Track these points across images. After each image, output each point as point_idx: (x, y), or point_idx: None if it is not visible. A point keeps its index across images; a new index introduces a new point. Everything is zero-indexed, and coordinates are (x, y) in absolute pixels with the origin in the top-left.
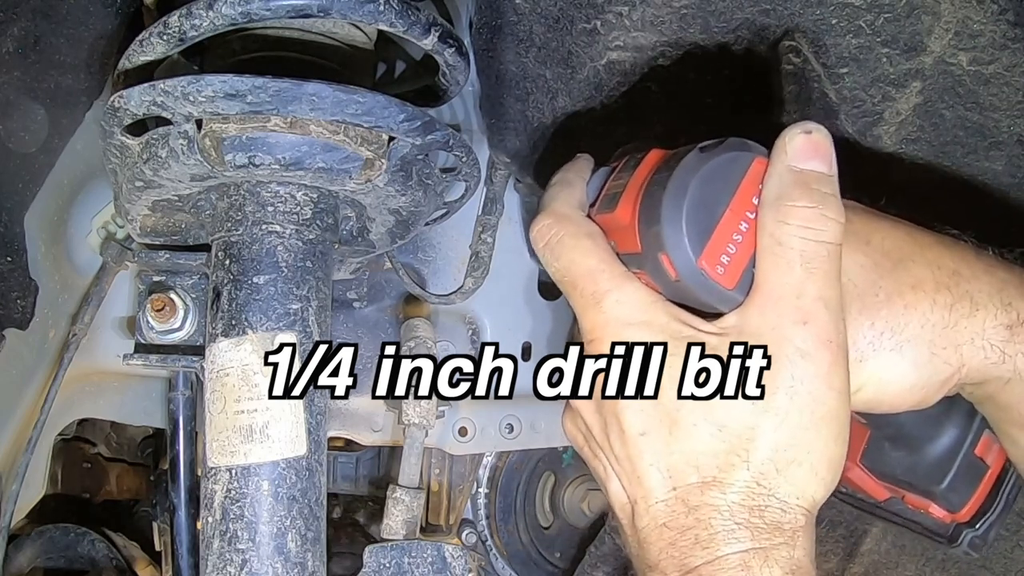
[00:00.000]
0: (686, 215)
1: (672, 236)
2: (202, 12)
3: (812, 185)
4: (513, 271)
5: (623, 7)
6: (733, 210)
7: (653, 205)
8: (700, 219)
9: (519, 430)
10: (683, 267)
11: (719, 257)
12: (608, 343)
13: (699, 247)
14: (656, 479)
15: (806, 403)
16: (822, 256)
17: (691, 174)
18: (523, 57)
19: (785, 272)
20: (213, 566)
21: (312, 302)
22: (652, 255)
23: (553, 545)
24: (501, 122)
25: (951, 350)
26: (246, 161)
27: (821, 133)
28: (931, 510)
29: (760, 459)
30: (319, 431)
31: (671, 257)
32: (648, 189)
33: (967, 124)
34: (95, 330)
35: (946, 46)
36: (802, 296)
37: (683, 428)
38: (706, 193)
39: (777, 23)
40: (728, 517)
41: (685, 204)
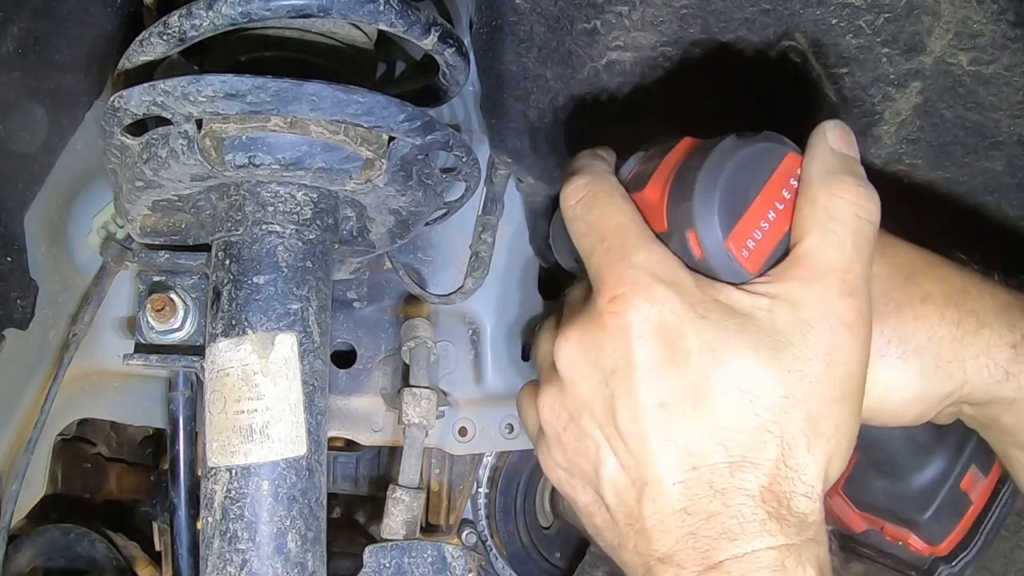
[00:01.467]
0: (719, 194)
1: (703, 213)
2: (202, 12)
3: (856, 168)
4: (513, 271)
5: (623, 7)
6: (764, 198)
7: (686, 183)
8: (732, 201)
9: (519, 430)
10: (710, 245)
11: (746, 241)
12: (634, 299)
13: (728, 228)
14: (674, 458)
15: (840, 375)
16: (869, 236)
17: (728, 156)
18: (523, 57)
19: (836, 246)
20: (213, 566)
21: (312, 302)
22: (679, 232)
23: (553, 545)
24: (502, 122)
25: (956, 364)
26: (246, 161)
27: (849, 130)
28: (911, 541)
29: (792, 433)
30: (319, 431)
31: (699, 234)
32: (681, 169)
33: (967, 124)
34: (95, 330)
35: (946, 46)
36: (849, 271)
37: (711, 399)
38: (740, 177)
39: (777, 23)
40: (760, 504)
41: (719, 184)
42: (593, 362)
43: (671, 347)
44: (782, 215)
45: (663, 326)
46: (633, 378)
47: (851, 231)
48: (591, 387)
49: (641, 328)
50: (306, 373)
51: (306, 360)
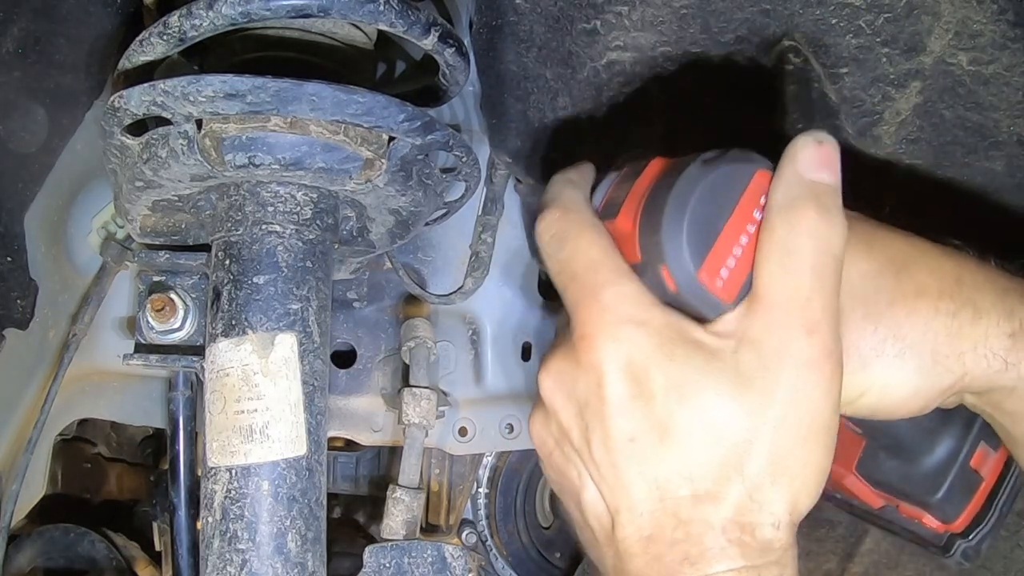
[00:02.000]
0: (687, 227)
1: (672, 248)
2: (202, 12)
3: (821, 197)
4: (513, 271)
5: (623, 7)
6: (734, 223)
7: (654, 216)
8: (701, 232)
9: (519, 430)
10: (682, 280)
11: (719, 271)
12: (601, 339)
13: (699, 260)
14: (643, 489)
15: (805, 414)
16: (830, 267)
17: (693, 186)
18: (524, 57)
19: (793, 280)
20: (213, 566)
21: (312, 302)
22: (652, 266)
23: (553, 545)
24: (502, 122)
25: (954, 358)
26: (246, 161)
27: (831, 144)
28: (925, 520)
29: (755, 471)
30: (319, 431)
31: (671, 269)
32: (649, 199)
33: (967, 124)
34: (95, 330)
35: (946, 46)
36: (809, 306)
37: (676, 436)
38: (707, 205)
39: (777, 23)
40: (720, 534)
41: (686, 216)
42: (568, 394)
43: (638, 384)
44: (754, 238)
45: (630, 365)
46: (604, 413)
47: (809, 266)
48: (568, 417)
49: (609, 366)
50: (306, 373)
51: (306, 360)
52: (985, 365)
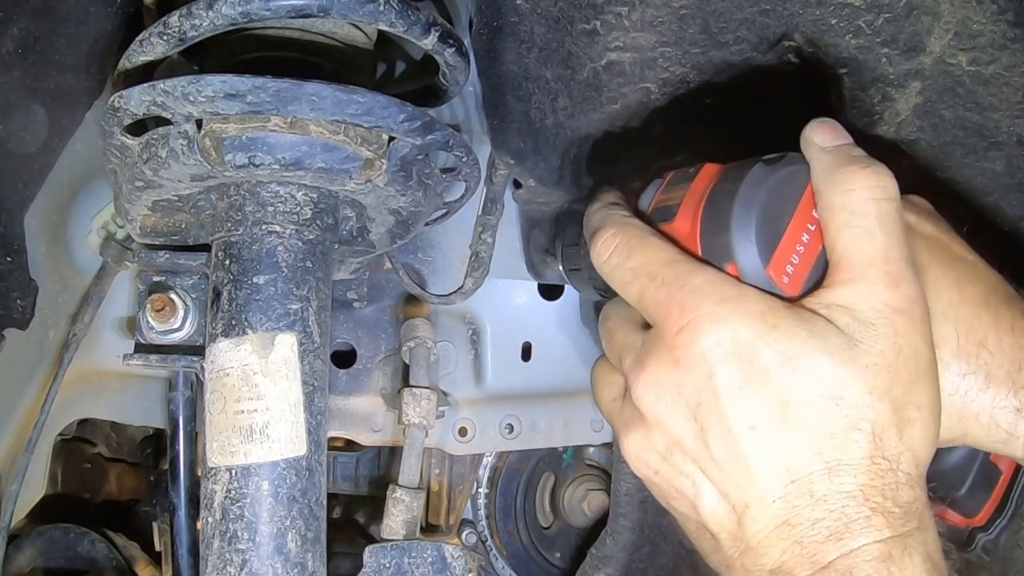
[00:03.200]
0: (755, 226)
1: (742, 245)
2: (202, 12)
3: (852, 153)
4: (513, 271)
5: (622, 8)
6: (796, 222)
7: (720, 215)
8: (768, 230)
9: (519, 430)
10: (752, 276)
11: (785, 267)
12: (703, 325)
13: (767, 257)
14: (772, 475)
15: (910, 359)
16: (893, 215)
17: (759, 186)
18: (524, 58)
19: (867, 240)
20: (213, 566)
21: (312, 302)
22: (717, 264)
23: (553, 545)
24: (504, 123)
25: (955, 418)
26: (246, 161)
27: (831, 120)
28: (947, 516)
29: (882, 425)
30: (319, 431)
31: (740, 266)
32: (712, 200)
33: (967, 124)
34: (95, 330)
35: (946, 46)
36: (888, 260)
37: (797, 410)
38: (773, 205)
39: (777, 23)
40: (863, 503)
41: (755, 214)
42: (676, 399)
43: (749, 365)
44: (815, 236)
45: (737, 344)
46: (720, 407)
47: (875, 218)
48: (679, 423)
49: (716, 353)
50: (306, 373)
51: (306, 360)
52: (986, 434)
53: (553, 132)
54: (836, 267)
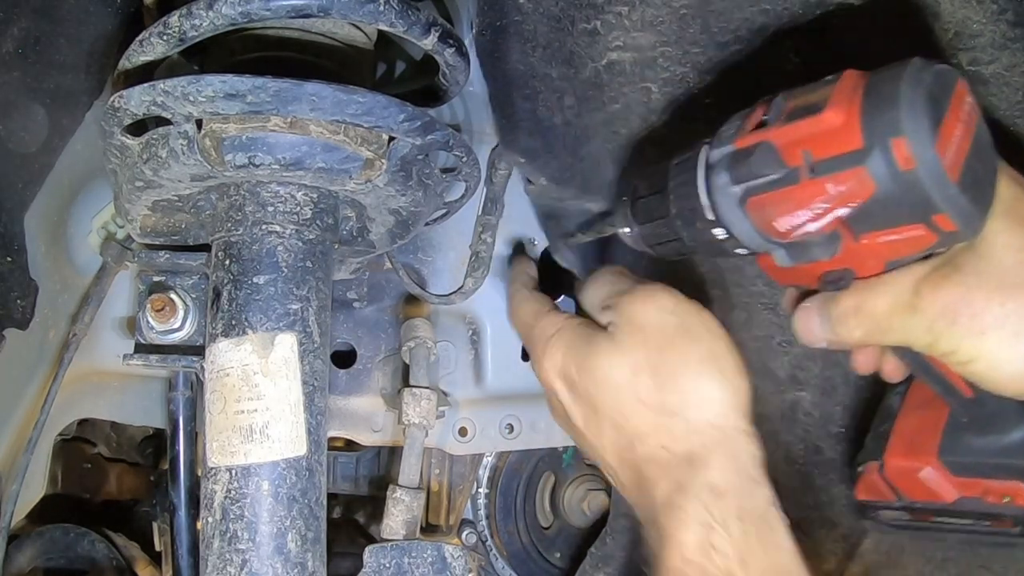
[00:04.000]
0: (924, 101)
1: (913, 119)
2: (202, 12)
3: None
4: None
5: (623, 7)
6: (952, 112)
7: (886, 96)
8: (933, 109)
9: (519, 430)
10: (920, 151)
11: (949, 144)
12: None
13: (935, 133)
14: (612, 461)
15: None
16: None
17: (924, 72)
18: (529, 56)
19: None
20: (213, 566)
21: (312, 302)
22: (880, 144)
23: (553, 545)
24: (511, 122)
25: None
26: (246, 161)
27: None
28: (1020, 493)
29: (647, 394)
30: (319, 431)
31: (909, 139)
32: (872, 88)
33: None
34: (95, 330)
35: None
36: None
37: (599, 406)
38: (934, 88)
39: (777, 23)
40: (651, 461)
41: (923, 92)
42: (552, 408)
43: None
44: (965, 132)
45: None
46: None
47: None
48: (560, 422)
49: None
50: (306, 373)
51: (306, 360)
52: None
53: (562, 130)
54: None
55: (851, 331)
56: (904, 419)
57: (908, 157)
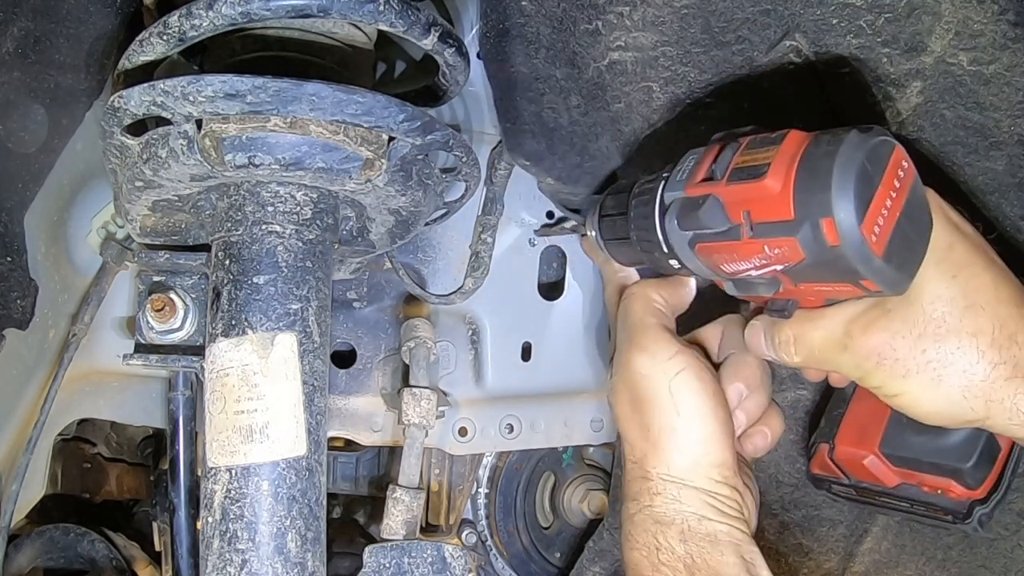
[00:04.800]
0: (855, 184)
1: (842, 202)
2: (202, 12)
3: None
4: (513, 271)
5: (624, 7)
6: (884, 187)
7: (818, 173)
8: (863, 190)
9: (519, 430)
10: (847, 232)
11: (873, 227)
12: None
13: (862, 215)
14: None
15: (630, 383)
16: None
17: (858, 150)
18: (533, 58)
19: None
20: (213, 566)
21: (312, 302)
22: (811, 220)
23: (553, 545)
24: (516, 125)
25: (981, 402)
26: (246, 161)
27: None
28: (951, 489)
29: (632, 441)
30: (319, 431)
31: (837, 221)
32: (807, 160)
33: (967, 124)
34: (95, 330)
35: (946, 46)
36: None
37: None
38: (867, 168)
39: (777, 23)
40: (635, 493)
41: (855, 174)
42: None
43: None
44: (896, 202)
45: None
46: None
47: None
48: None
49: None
50: (306, 373)
51: (306, 360)
52: (1006, 418)
53: (569, 130)
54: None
55: (792, 356)
56: (856, 407)
57: (835, 236)
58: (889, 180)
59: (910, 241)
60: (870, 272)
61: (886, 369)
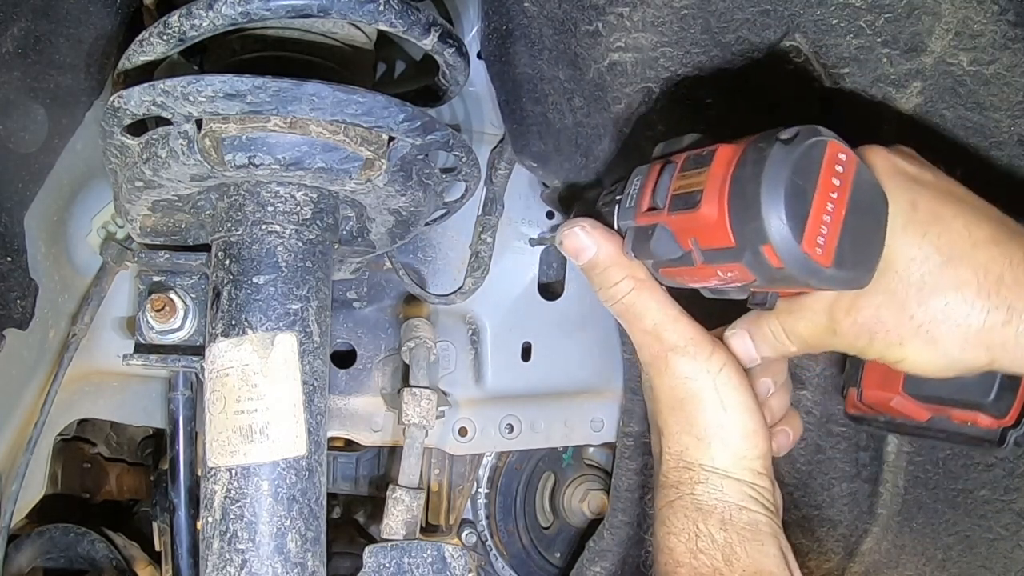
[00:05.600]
0: (785, 206)
1: (775, 228)
2: (202, 12)
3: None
4: (513, 271)
5: (624, 8)
6: (820, 193)
7: (748, 201)
8: (796, 206)
9: (519, 430)
10: (787, 255)
11: (816, 239)
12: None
13: (799, 234)
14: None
15: (667, 394)
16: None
17: (783, 167)
18: (536, 59)
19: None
20: (213, 566)
21: (312, 302)
22: (751, 247)
23: (553, 545)
24: (522, 126)
25: (982, 350)
26: (246, 161)
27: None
28: (979, 420)
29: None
30: (319, 431)
31: (775, 247)
32: (735, 184)
33: (967, 124)
34: (95, 330)
35: (946, 46)
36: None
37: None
38: (797, 181)
39: (777, 23)
40: (663, 482)
41: (783, 195)
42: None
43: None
44: (838, 202)
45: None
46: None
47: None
48: None
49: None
50: (306, 373)
51: (306, 360)
52: (1010, 359)
53: (573, 131)
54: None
55: (788, 346)
56: None
57: (777, 260)
58: (826, 182)
59: (864, 233)
60: (823, 282)
61: (880, 341)
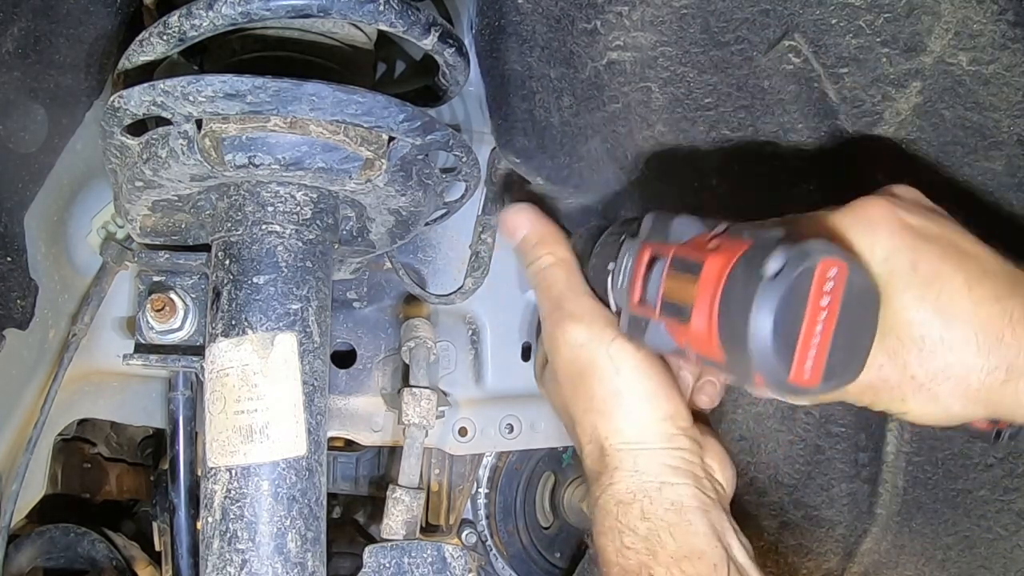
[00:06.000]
0: (772, 342)
1: (763, 361)
2: (202, 12)
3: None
4: (513, 271)
5: (623, 7)
6: (809, 318)
7: (736, 333)
8: (785, 338)
9: (519, 430)
10: (776, 384)
11: (805, 363)
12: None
13: (788, 364)
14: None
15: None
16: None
17: (771, 303)
18: (527, 57)
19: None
20: (213, 566)
21: (312, 302)
22: (741, 370)
23: (553, 545)
24: (508, 122)
25: (980, 406)
26: (246, 161)
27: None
28: (974, 422)
29: (567, 420)
30: (319, 431)
31: (764, 376)
32: (724, 312)
33: (967, 124)
34: (95, 330)
35: (946, 46)
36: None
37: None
38: (786, 312)
39: (777, 23)
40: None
41: (770, 333)
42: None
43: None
44: (827, 320)
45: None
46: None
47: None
48: None
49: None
50: (306, 373)
51: (306, 360)
52: (1010, 414)
53: (559, 130)
54: None
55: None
56: None
57: (766, 386)
58: (815, 306)
59: (853, 337)
60: (811, 398)
61: (884, 397)
